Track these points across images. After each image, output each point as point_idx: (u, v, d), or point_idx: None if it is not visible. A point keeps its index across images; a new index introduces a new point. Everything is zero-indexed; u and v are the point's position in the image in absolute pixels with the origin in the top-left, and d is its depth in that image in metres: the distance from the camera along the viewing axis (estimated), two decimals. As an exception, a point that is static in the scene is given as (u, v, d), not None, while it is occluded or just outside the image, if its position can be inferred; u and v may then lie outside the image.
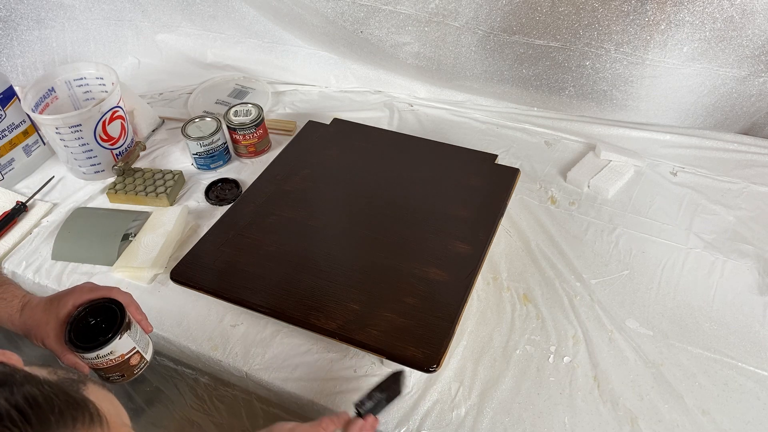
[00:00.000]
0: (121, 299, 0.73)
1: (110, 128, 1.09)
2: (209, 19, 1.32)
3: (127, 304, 0.73)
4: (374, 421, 0.69)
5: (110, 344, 0.68)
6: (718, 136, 1.13)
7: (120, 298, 0.73)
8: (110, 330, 0.69)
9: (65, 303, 0.71)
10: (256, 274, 0.87)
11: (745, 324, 0.84)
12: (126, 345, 0.70)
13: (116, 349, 0.69)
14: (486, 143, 1.17)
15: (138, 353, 0.73)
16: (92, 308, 0.71)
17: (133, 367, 0.73)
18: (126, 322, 0.70)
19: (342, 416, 0.67)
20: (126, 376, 0.73)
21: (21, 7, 1.20)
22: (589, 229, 0.99)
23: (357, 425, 0.66)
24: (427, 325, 0.78)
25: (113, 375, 0.72)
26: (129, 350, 0.71)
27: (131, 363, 0.72)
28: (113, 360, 0.70)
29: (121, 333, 0.69)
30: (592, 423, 0.74)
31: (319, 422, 0.66)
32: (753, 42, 0.94)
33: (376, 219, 0.95)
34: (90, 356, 0.68)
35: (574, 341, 0.83)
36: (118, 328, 0.69)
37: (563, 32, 1.02)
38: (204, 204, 1.08)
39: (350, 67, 1.31)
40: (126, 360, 0.71)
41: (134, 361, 0.72)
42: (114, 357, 0.70)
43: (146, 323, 0.77)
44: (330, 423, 0.66)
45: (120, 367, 0.71)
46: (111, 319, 0.70)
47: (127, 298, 0.75)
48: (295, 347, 0.85)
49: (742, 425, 0.73)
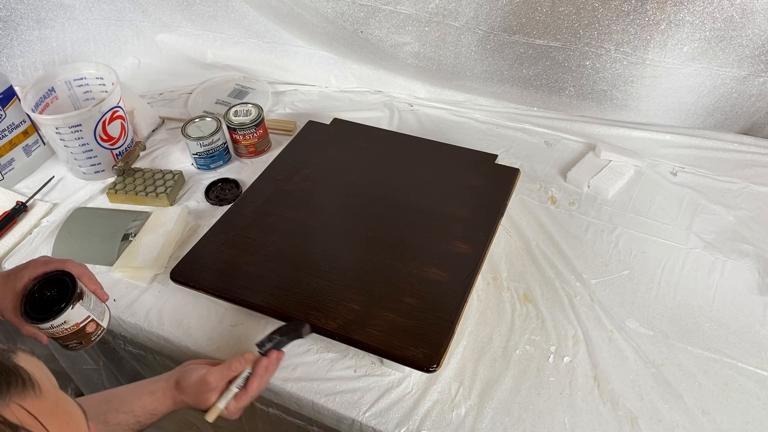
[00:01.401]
0: (74, 271, 0.75)
1: (110, 128, 1.09)
2: (209, 19, 1.32)
3: (80, 275, 0.76)
4: (279, 355, 0.76)
5: (63, 314, 0.71)
6: (718, 136, 1.13)
7: (73, 270, 0.75)
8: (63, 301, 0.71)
9: (21, 277, 0.73)
10: (256, 274, 0.87)
11: (745, 324, 0.84)
12: (80, 314, 0.73)
13: (70, 319, 0.72)
14: (486, 143, 1.17)
15: (93, 321, 0.75)
16: (46, 281, 0.73)
17: (89, 334, 0.76)
18: (78, 293, 0.72)
19: (247, 356, 0.73)
20: (84, 343, 0.76)
21: (21, 7, 1.20)
22: (589, 229, 0.99)
23: (263, 363, 0.73)
24: (427, 325, 0.78)
25: (71, 343, 0.75)
26: (83, 319, 0.74)
27: (87, 331, 0.75)
28: (68, 329, 0.73)
29: (73, 303, 0.71)
30: (592, 423, 0.74)
31: (229, 364, 0.72)
32: (753, 42, 0.94)
33: (376, 219, 0.95)
34: (45, 326, 0.71)
35: (574, 341, 0.83)
36: (70, 299, 0.71)
37: (563, 32, 1.02)
38: (204, 204, 1.08)
39: (350, 67, 1.31)
40: (82, 328, 0.74)
41: (90, 329, 0.75)
42: (69, 326, 0.72)
43: (102, 292, 0.79)
44: (238, 364, 0.72)
45: (77, 335, 0.74)
46: (65, 290, 0.72)
47: (80, 269, 0.77)
48: (295, 347, 0.85)
49: (742, 425, 0.73)
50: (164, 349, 0.90)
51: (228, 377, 0.72)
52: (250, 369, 0.73)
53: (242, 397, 0.71)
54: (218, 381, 0.71)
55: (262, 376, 0.73)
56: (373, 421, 0.76)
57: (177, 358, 0.91)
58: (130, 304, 0.91)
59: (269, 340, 0.76)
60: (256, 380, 0.72)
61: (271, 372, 0.75)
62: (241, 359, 0.73)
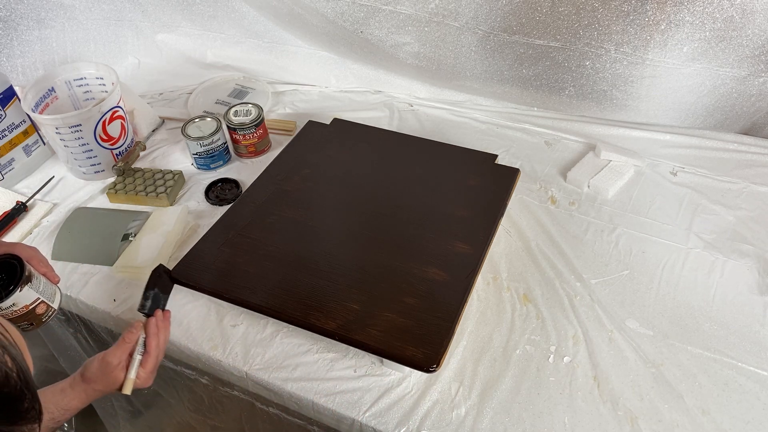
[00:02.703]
0: (23, 254, 0.76)
1: (110, 128, 1.09)
2: (209, 19, 1.32)
3: (29, 258, 0.77)
4: (165, 314, 0.80)
5: (11, 297, 0.72)
6: (718, 136, 1.13)
7: (22, 253, 0.76)
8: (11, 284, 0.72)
9: None
10: (256, 274, 0.87)
11: (745, 324, 0.84)
12: (28, 297, 0.74)
13: (19, 301, 0.73)
14: (486, 143, 1.17)
15: (43, 303, 0.76)
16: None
17: (40, 315, 0.77)
18: (26, 276, 0.73)
19: (136, 324, 0.77)
20: (35, 324, 0.77)
21: (21, 7, 1.20)
22: (589, 229, 0.99)
23: (152, 323, 0.77)
24: (427, 325, 0.78)
25: (22, 324, 0.76)
26: (33, 301, 0.75)
27: (37, 312, 0.76)
28: (18, 311, 0.74)
29: (21, 286, 0.72)
30: (592, 423, 0.74)
31: (122, 339, 0.74)
32: (753, 42, 0.94)
33: (376, 219, 0.95)
34: None
35: (574, 341, 0.83)
36: (18, 281, 0.72)
37: (563, 32, 1.02)
38: (204, 204, 1.08)
39: (350, 67, 1.31)
40: (31, 310, 0.75)
41: (40, 310, 0.76)
42: (18, 308, 0.73)
43: (52, 274, 0.80)
44: (130, 335, 0.75)
45: (27, 317, 0.75)
46: (9, 277, 0.73)
47: (30, 252, 0.79)
48: (295, 347, 0.85)
49: (742, 425, 0.73)
50: (164, 349, 0.90)
51: (127, 350, 0.74)
52: (143, 334, 0.76)
53: (147, 360, 0.74)
54: (119, 357, 0.73)
55: (156, 334, 0.76)
56: (373, 421, 0.76)
57: (177, 358, 0.91)
58: (130, 304, 0.91)
59: (145, 298, 0.79)
60: (153, 340, 0.75)
61: (165, 329, 0.78)
62: (130, 329, 0.75)
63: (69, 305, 0.96)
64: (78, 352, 1.10)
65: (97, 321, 0.96)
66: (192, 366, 0.91)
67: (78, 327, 1.03)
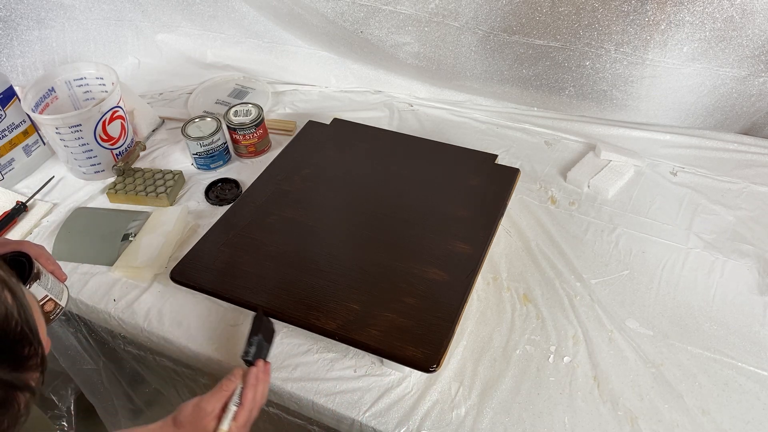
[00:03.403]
0: (31, 251, 0.74)
1: (110, 128, 1.09)
2: (209, 19, 1.32)
3: (37, 255, 0.75)
4: (266, 366, 0.76)
5: None
6: (718, 136, 1.13)
7: (30, 251, 0.74)
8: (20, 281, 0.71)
9: None
10: (256, 274, 0.87)
11: (745, 324, 0.84)
12: (37, 294, 0.73)
13: None
14: (486, 143, 1.17)
15: (51, 300, 0.75)
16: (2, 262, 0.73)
17: (48, 313, 0.76)
18: (34, 273, 0.72)
19: (236, 372, 0.73)
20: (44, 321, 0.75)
21: (21, 7, 1.20)
22: (589, 229, 0.99)
23: (253, 373, 0.73)
24: (427, 325, 0.78)
25: None
26: (41, 298, 0.74)
27: (46, 310, 0.75)
28: None
29: (29, 283, 0.71)
30: (592, 423, 0.74)
31: (219, 386, 0.71)
32: (753, 42, 0.94)
33: (376, 219, 0.95)
34: None
35: (574, 341, 0.83)
36: (26, 279, 0.71)
37: (563, 32, 1.02)
38: (204, 204, 1.08)
39: (350, 67, 1.31)
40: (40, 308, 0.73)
41: (48, 308, 0.75)
42: None
43: (60, 272, 0.79)
44: (228, 382, 0.71)
45: None
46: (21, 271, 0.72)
47: (38, 250, 0.77)
48: (295, 347, 0.85)
49: (742, 425, 0.73)
50: (164, 349, 0.90)
51: (222, 399, 0.70)
52: (241, 384, 0.72)
53: (241, 413, 0.70)
54: (213, 405, 0.69)
55: (255, 386, 0.72)
56: (373, 421, 0.76)
57: (177, 358, 0.91)
58: (130, 304, 0.91)
59: (250, 344, 0.76)
60: (250, 391, 0.71)
61: (264, 381, 0.74)
62: (230, 377, 0.72)
63: (69, 305, 0.96)
64: (78, 352, 1.10)
65: (97, 321, 0.96)
66: (192, 366, 0.91)
67: (78, 327, 1.03)
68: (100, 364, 1.11)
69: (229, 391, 0.71)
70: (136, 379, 1.12)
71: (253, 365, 0.74)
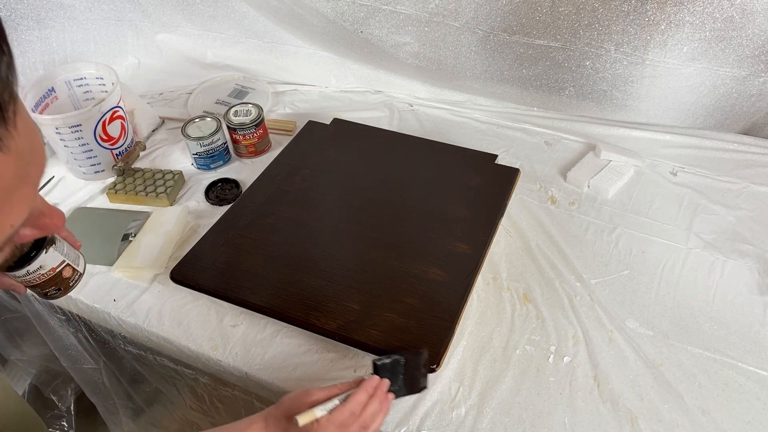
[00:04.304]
0: None
1: (110, 128, 1.09)
2: (209, 19, 1.32)
3: None
4: (389, 395, 0.69)
5: (38, 259, 0.70)
6: (718, 136, 1.13)
7: None
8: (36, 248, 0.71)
9: None
10: (256, 274, 0.87)
11: (745, 324, 0.84)
12: (54, 259, 0.73)
13: (45, 264, 0.71)
14: (486, 143, 1.17)
15: (69, 266, 0.75)
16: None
17: (67, 279, 0.75)
18: (50, 238, 0.72)
19: (357, 379, 0.68)
20: (63, 289, 0.76)
21: (21, 7, 1.20)
22: (589, 229, 0.99)
23: (373, 382, 0.67)
24: (427, 325, 0.78)
25: (50, 290, 0.75)
26: (59, 264, 0.73)
27: (64, 276, 0.75)
28: (45, 274, 0.72)
29: (46, 248, 0.71)
30: (592, 423, 0.74)
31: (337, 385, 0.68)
32: (753, 42, 0.94)
33: (376, 219, 0.95)
34: (21, 274, 0.71)
35: (574, 341, 0.83)
36: (43, 243, 0.71)
37: (563, 32, 1.02)
38: (204, 204, 1.08)
39: (350, 67, 1.31)
40: (58, 273, 0.74)
41: (67, 273, 0.75)
42: (45, 271, 0.72)
43: (73, 239, 0.78)
44: (345, 383, 0.68)
45: (54, 281, 0.74)
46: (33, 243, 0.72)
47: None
48: (295, 347, 0.85)
49: (742, 425, 0.73)
50: (164, 349, 0.90)
51: (332, 392, 0.67)
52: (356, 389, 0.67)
53: (340, 411, 0.64)
54: (321, 394, 0.66)
55: (368, 394, 0.66)
56: (373, 421, 0.76)
57: (177, 358, 0.91)
58: (130, 304, 0.91)
59: (389, 356, 0.70)
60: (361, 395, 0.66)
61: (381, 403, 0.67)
62: (351, 381, 0.69)
63: (69, 305, 0.96)
64: (78, 352, 1.10)
65: (97, 321, 0.96)
66: (192, 366, 0.91)
67: (78, 327, 1.03)
68: (100, 364, 1.11)
69: (343, 390, 0.67)
70: (137, 378, 1.12)
71: (377, 376, 0.69)
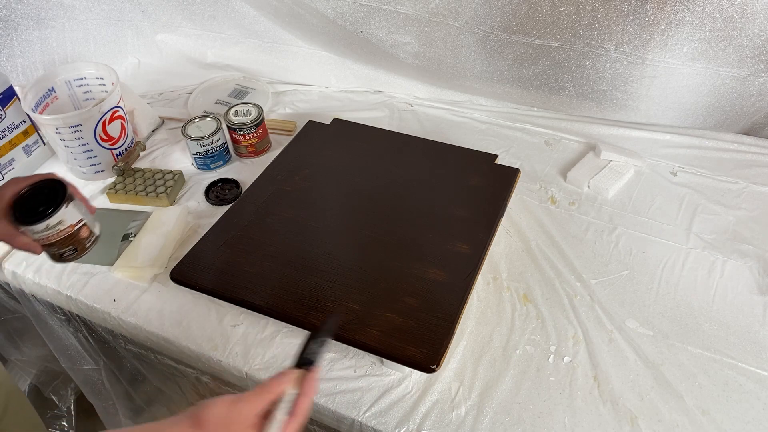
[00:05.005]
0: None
1: (110, 128, 1.09)
2: (209, 19, 1.32)
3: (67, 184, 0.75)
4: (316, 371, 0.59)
5: (58, 212, 0.69)
6: (718, 136, 1.13)
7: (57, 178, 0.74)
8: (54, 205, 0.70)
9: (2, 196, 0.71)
10: (256, 274, 0.87)
11: (745, 324, 0.84)
12: (73, 215, 0.72)
13: (65, 219, 0.71)
14: (486, 143, 1.17)
15: (86, 226, 0.74)
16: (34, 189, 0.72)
17: (84, 240, 0.75)
18: (69, 194, 0.71)
19: (288, 374, 0.57)
20: (78, 250, 0.75)
21: (21, 7, 1.20)
22: (589, 229, 0.99)
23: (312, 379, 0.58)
24: (427, 325, 0.78)
25: (66, 250, 0.73)
26: (77, 222, 0.73)
27: (81, 235, 0.74)
28: (64, 231, 0.71)
29: (66, 202, 0.70)
30: (592, 423, 0.74)
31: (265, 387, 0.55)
32: (753, 42, 0.94)
33: (376, 219, 0.95)
34: (40, 228, 0.69)
35: (574, 341, 0.83)
36: (62, 197, 0.70)
37: (563, 32, 1.02)
38: (204, 204, 1.08)
39: (350, 67, 1.31)
40: (76, 231, 0.73)
41: (84, 233, 0.74)
42: (64, 227, 0.71)
43: (89, 203, 0.78)
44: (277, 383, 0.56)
45: (72, 240, 0.73)
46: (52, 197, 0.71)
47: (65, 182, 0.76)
48: (295, 347, 0.84)
49: (742, 425, 0.73)
50: (164, 349, 0.90)
51: (265, 403, 0.54)
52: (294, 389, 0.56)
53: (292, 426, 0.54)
54: (253, 408, 0.53)
55: (311, 395, 0.57)
56: (373, 421, 0.76)
57: (177, 358, 0.91)
58: (130, 304, 0.91)
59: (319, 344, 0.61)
60: (306, 400, 0.56)
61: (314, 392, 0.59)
62: (279, 378, 0.56)
63: (69, 305, 0.97)
64: (78, 352, 1.10)
65: (97, 321, 0.96)
66: (192, 366, 0.91)
67: (78, 327, 1.03)
68: (100, 364, 1.11)
69: (276, 395, 0.55)
70: (137, 377, 1.12)
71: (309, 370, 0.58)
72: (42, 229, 0.69)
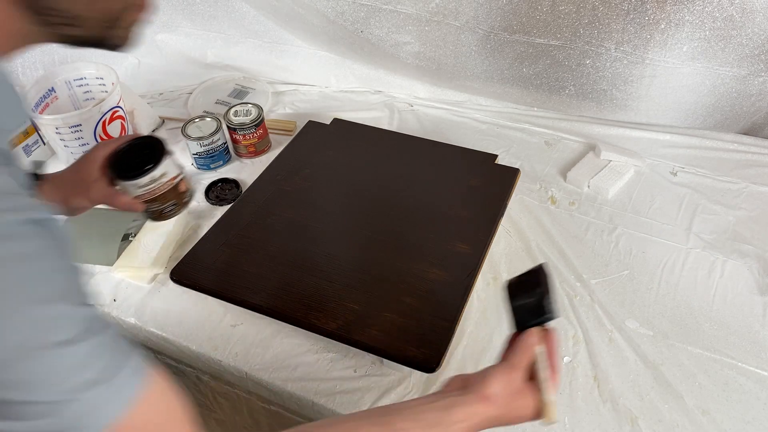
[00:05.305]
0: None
1: (110, 128, 1.09)
2: (209, 19, 1.32)
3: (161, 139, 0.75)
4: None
5: (161, 165, 0.69)
6: (718, 136, 1.13)
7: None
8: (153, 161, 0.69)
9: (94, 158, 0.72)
10: (256, 274, 0.87)
11: (745, 324, 0.84)
12: (172, 169, 0.72)
13: (168, 171, 0.71)
14: (486, 143, 1.17)
15: (184, 180, 0.75)
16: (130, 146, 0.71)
17: (182, 194, 0.75)
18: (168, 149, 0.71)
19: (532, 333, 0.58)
20: (178, 204, 0.76)
21: (21, 7, 1.20)
22: (589, 229, 0.99)
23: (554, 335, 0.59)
24: (427, 325, 0.78)
25: (168, 205, 0.74)
26: (177, 174, 0.73)
27: (180, 189, 0.74)
28: (167, 183, 0.71)
29: (165, 156, 0.70)
30: (592, 423, 0.74)
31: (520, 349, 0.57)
32: (753, 41, 0.94)
33: (376, 219, 0.95)
34: (144, 182, 0.69)
35: (574, 341, 0.83)
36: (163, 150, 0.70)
37: (563, 31, 1.02)
38: (204, 204, 1.08)
39: (350, 67, 1.31)
40: (177, 185, 0.73)
41: (182, 187, 0.75)
42: (167, 179, 0.71)
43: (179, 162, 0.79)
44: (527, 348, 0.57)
45: (174, 193, 0.73)
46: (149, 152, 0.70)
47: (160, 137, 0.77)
48: (295, 347, 0.85)
49: (742, 425, 0.73)
50: (164, 349, 0.90)
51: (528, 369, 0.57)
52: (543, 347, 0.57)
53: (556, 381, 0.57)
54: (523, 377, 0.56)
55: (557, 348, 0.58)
56: (373, 421, 0.76)
57: (177, 358, 0.91)
58: (130, 304, 0.91)
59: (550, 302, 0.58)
60: (557, 355, 0.58)
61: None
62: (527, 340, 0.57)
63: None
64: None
65: (97, 321, 0.96)
66: (193, 365, 0.91)
67: (78, 327, 1.03)
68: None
69: (530, 358, 0.57)
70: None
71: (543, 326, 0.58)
72: (146, 182, 0.69)
